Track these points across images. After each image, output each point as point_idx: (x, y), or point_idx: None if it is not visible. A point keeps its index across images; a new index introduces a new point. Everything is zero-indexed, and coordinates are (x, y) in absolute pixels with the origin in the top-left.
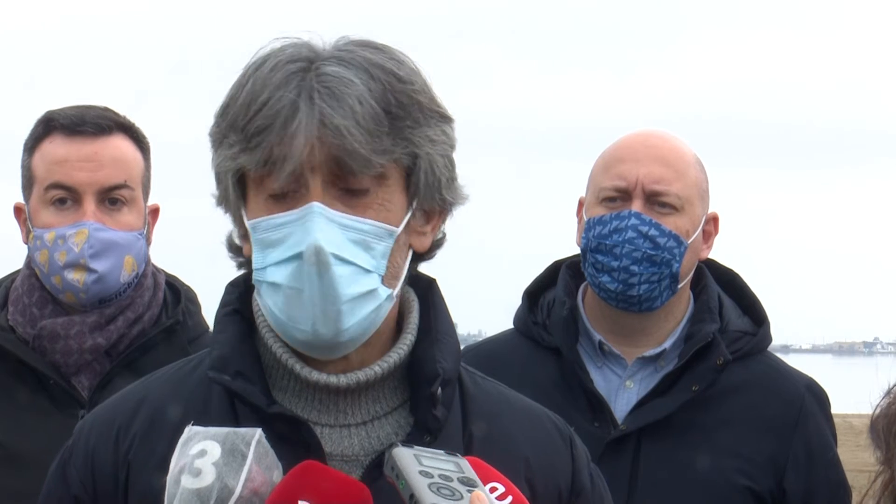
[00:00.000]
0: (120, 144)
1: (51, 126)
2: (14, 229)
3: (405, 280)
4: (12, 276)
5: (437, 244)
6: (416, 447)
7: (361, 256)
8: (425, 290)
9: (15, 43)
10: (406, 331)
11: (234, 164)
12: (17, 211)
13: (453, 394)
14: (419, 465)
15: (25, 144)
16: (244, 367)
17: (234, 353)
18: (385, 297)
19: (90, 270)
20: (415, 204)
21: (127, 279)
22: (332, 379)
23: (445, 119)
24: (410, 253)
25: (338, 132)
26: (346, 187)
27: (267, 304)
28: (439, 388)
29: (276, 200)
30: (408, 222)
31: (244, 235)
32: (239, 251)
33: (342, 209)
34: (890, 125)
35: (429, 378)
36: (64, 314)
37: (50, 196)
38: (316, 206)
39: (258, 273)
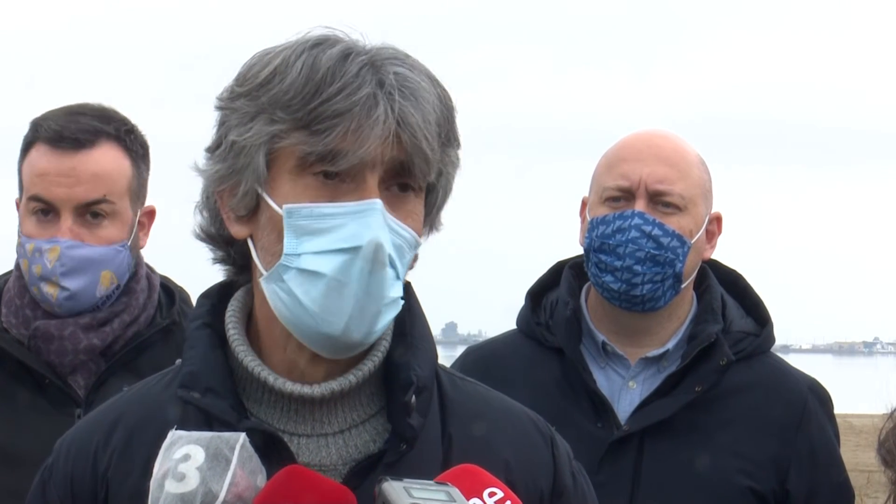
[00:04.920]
0: (101, 157)
1: (37, 134)
2: (13, 230)
3: None
4: (5, 277)
5: (414, 261)
6: (405, 479)
7: (398, 264)
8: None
9: (16, 42)
10: (382, 336)
11: (278, 142)
12: (18, 206)
13: (429, 401)
14: (410, 497)
15: (21, 147)
16: (215, 382)
17: (205, 369)
18: (401, 305)
19: (62, 288)
20: (426, 220)
21: (104, 293)
22: (307, 389)
23: (460, 145)
24: None
25: (413, 133)
26: (396, 191)
27: (293, 291)
28: (413, 397)
29: (323, 188)
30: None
31: (245, 217)
32: (220, 240)
33: (389, 212)
34: (892, 126)
35: (403, 386)
36: (55, 316)
37: (31, 207)
38: (379, 203)
39: (288, 259)
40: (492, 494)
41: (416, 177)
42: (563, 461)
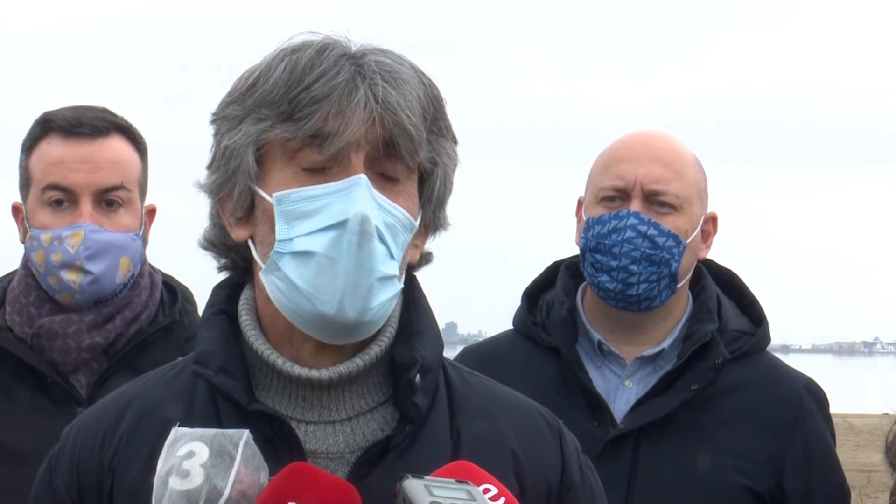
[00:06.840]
0: (117, 146)
1: (48, 127)
2: (14, 229)
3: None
4: (9, 277)
5: (424, 258)
6: (426, 478)
7: (390, 241)
8: (407, 285)
9: (18, 44)
10: (387, 324)
11: (264, 136)
12: (15, 210)
13: (435, 382)
14: (430, 495)
15: (23, 145)
16: (228, 363)
17: (219, 350)
18: (398, 289)
19: (86, 272)
20: (422, 212)
21: (122, 280)
22: (314, 373)
23: (455, 140)
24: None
25: (395, 113)
26: (383, 172)
27: (288, 276)
28: (418, 375)
29: (311, 174)
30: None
31: (242, 218)
32: (222, 248)
33: (378, 191)
34: (892, 126)
35: (407, 366)
36: (61, 313)
37: (47, 197)
38: (363, 178)
39: (281, 245)
40: (486, 491)
41: (402, 157)
42: (572, 454)
